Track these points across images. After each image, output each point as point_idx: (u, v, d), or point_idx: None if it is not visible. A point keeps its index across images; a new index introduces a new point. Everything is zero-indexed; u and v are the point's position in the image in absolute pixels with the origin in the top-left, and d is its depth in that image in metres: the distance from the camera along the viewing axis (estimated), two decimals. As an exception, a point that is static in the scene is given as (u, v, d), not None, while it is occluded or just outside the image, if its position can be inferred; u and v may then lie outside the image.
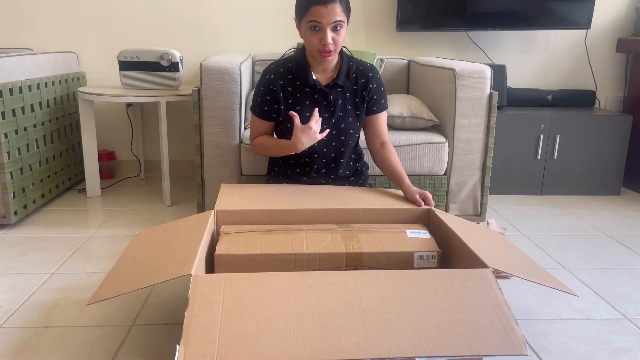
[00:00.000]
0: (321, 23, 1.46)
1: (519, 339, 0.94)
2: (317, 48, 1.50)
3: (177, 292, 1.56)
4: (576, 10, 2.63)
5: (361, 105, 1.65)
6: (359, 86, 1.63)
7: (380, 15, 2.75)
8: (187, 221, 1.41)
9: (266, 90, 1.61)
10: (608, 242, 2.03)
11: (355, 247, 1.27)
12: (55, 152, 2.38)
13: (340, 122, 1.64)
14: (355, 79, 1.63)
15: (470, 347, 0.93)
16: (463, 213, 2.14)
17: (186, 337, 0.91)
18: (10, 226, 2.07)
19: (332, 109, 1.62)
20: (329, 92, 1.61)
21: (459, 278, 1.08)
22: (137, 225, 2.12)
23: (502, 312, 1.00)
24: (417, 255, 1.28)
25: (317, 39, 1.48)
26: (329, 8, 1.44)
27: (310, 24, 1.47)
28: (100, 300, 1.10)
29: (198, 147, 2.00)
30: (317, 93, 1.61)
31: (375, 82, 1.65)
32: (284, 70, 1.61)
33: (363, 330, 0.94)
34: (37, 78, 2.22)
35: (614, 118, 2.56)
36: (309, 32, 1.49)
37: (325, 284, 1.04)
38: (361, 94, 1.64)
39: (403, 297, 1.02)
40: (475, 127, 2.05)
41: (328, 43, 1.47)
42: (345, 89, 1.63)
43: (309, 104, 1.61)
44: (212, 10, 2.71)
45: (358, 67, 1.64)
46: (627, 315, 1.48)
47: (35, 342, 1.29)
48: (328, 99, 1.61)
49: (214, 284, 1.02)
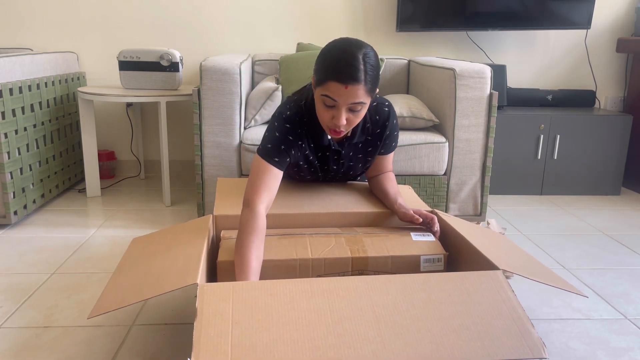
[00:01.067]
0: (337, 102, 1.22)
1: (536, 341, 0.93)
2: (327, 124, 1.29)
3: (177, 292, 1.56)
4: (576, 10, 2.63)
5: (373, 153, 1.49)
6: (373, 136, 1.45)
7: (380, 15, 2.75)
8: (185, 227, 1.39)
9: (294, 143, 1.37)
10: (608, 242, 2.03)
11: (360, 251, 1.25)
12: (55, 152, 2.38)
13: (348, 170, 1.53)
14: (371, 130, 1.44)
15: (488, 351, 0.91)
16: (463, 213, 2.14)
17: (197, 350, 0.87)
18: (10, 226, 2.07)
19: (342, 162, 1.49)
20: (342, 150, 1.45)
21: (471, 281, 1.06)
22: (137, 225, 2.12)
23: (516, 314, 0.99)
24: (424, 259, 1.26)
25: (329, 116, 1.26)
26: (349, 89, 1.19)
27: (323, 97, 1.23)
28: (102, 313, 1.07)
29: (198, 147, 2.00)
30: (329, 151, 1.45)
31: (389, 130, 1.45)
32: (307, 122, 1.39)
33: (379, 338, 0.92)
34: (37, 78, 2.22)
35: (614, 118, 2.56)
36: (321, 104, 1.26)
37: (335, 290, 1.01)
38: (375, 143, 1.47)
39: (416, 302, 1.00)
40: (475, 127, 2.05)
41: (340, 125, 1.24)
42: (359, 142, 1.46)
43: (320, 157, 1.47)
44: (212, 10, 2.71)
45: (374, 116, 1.43)
46: (627, 315, 1.48)
47: (35, 342, 1.29)
48: (340, 155, 1.47)
49: (222, 293, 0.99)
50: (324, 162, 1.49)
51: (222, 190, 1.60)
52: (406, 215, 1.36)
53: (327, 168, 1.52)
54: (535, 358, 0.90)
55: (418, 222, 1.36)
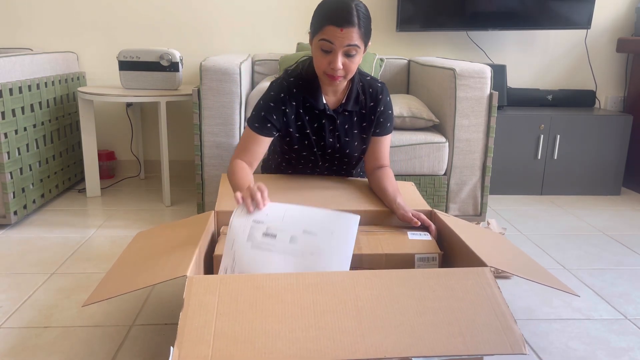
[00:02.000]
0: (333, 45, 1.32)
1: (518, 337, 0.94)
2: (324, 70, 1.37)
3: (177, 292, 1.56)
4: (576, 10, 2.63)
5: (368, 130, 1.55)
6: (367, 109, 1.52)
7: (380, 15, 2.75)
8: (187, 222, 1.41)
9: (277, 109, 1.47)
10: (608, 242, 2.03)
11: (355, 248, 1.26)
12: (55, 152, 2.38)
13: (346, 147, 1.55)
14: (365, 102, 1.52)
15: (468, 346, 0.92)
16: (463, 213, 2.14)
17: (180, 339, 0.90)
18: (10, 226, 2.07)
19: (337, 134, 1.53)
20: (337, 117, 1.51)
21: (457, 277, 1.07)
22: (137, 225, 2.12)
23: (500, 310, 1.00)
24: (418, 257, 1.27)
25: (326, 62, 1.35)
26: (345, 31, 1.30)
27: (321, 42, 1.33)
28: (97, 301, 1.09)
29: (198, 147, 2.00)
30: (324, 117, 1.51)
31: (384, 105, 1.53)
32: (297, 90, 1.48)
33: (359, 331, 0.94)
34: (37, 78, 2.22)
35: (614, 118, 2.56)
36: (319, 52, 1.36)
37: (321, 284, 1.03)
38: (369, 118, 1.53)
39: (400, 296, 1.02)
40: (475, 127, 2.05)
41: (337, 68, 1.34)
42: (353, 113, 1.53)
43: (316, 127, 1.52)
44: (212, 10, 2.71)
45: (367, 89, 1.52)
46: (627, 315, 1.48)
47: (35, 342, 1.29)
48: (335, 124, 1.52)
49: (209, 285, 1.02)
50: (319, 134, 1.52)
51: (226, 184, 1.59)
52: (404, 217, 1.37)
53: (323, 144, 1.54)
54: (516, 354, 0.91)
55: (416, 226, 1.37)
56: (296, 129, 1.51)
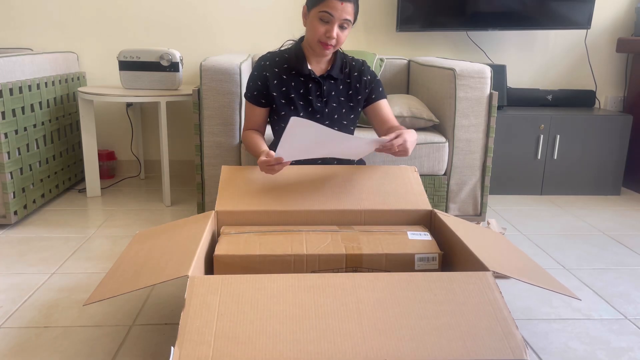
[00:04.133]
0: (332, 16, 1.49)
1: (519, 343, 0.94)
2: (319, 38, 1.53)
3: (177, 292, 1.56)
4: (576, 10, 2.63)
5: (355, 97, 1.68)
6: (352, 79, 1.68)
7: (380, 15, 2.75)
8: (187, 221, 1.41)
9: (259, 76, 1.64)
10: (608, 242, 2.03)
11: (355, 248, 1.26)
12: (55, 152, 2.38)
13: (334, 113, 1.67)
14: (349, 72, 1.68)
15: (469, 350, 0.92)
16: (463, 213, 2.14)
17: (181, 339, 0.91)
18: (10, 226, 2.07)
19: (324, 100, 1.65)
20: (323, 83, 1.64)
21: (459, 281, 1.07)
22: (137, 225, 2.12)
23: (501, 315, 1.00)
24: (418, 257, 1.27)
25: (324, 30, 1.51)
26: (344, 5, 1.49)
27: (321, 14, 1.50)
28: (97, 300, 1.10)
29: (198, 147, 2.00)
30: (310, 82, 1.64)
31: (369, 74, 1.70)
32: (280, 59, 1.65)
33: (360, 334, 0.94)
34: (37, 78, 2.22)
35: (614, 118, 2.56)
36: (317, 21, 1.51)
37: (322, 286, 1.03)
38: (355, 86, 1.68)
39: (401, 300, 1.02)
40: (475, 127, 2.05)
41: (332, 37, 1.51)
42: (338, 81, 1.66)
43: (302, 93, 1.64)
44: (212, 10, 2.71)
45: (350, 62, 1.69)
46: (627, 315, 1.48)
47: (35, 342, 1.29)
48: (321, 89, 1.64)
49: (211, 286, 1.02)
50: (306, 98, 1.64)
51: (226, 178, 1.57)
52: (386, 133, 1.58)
53: (312, 109, 1.65)
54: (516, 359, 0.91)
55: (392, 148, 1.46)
56: (280, 95, 1.64)
